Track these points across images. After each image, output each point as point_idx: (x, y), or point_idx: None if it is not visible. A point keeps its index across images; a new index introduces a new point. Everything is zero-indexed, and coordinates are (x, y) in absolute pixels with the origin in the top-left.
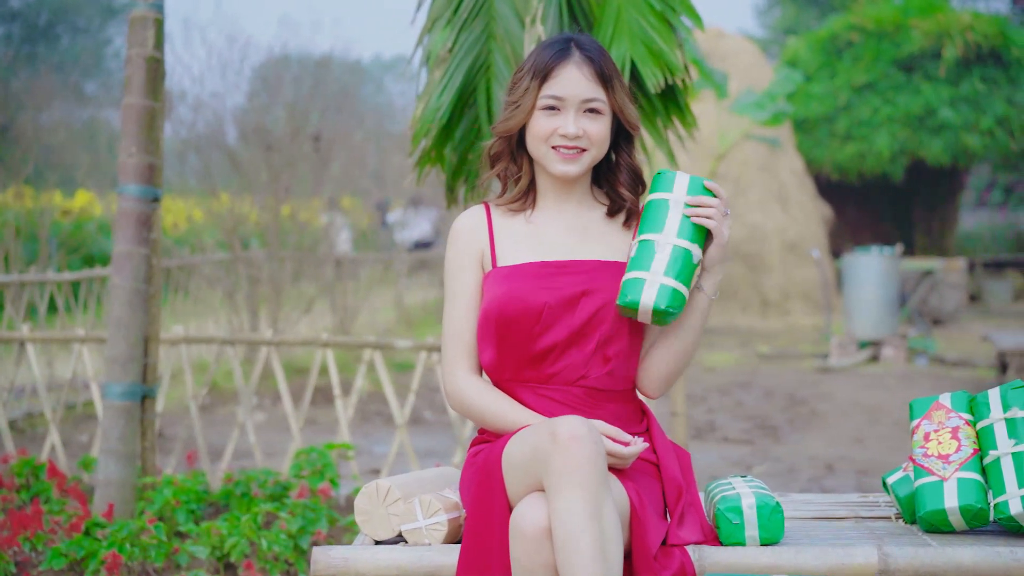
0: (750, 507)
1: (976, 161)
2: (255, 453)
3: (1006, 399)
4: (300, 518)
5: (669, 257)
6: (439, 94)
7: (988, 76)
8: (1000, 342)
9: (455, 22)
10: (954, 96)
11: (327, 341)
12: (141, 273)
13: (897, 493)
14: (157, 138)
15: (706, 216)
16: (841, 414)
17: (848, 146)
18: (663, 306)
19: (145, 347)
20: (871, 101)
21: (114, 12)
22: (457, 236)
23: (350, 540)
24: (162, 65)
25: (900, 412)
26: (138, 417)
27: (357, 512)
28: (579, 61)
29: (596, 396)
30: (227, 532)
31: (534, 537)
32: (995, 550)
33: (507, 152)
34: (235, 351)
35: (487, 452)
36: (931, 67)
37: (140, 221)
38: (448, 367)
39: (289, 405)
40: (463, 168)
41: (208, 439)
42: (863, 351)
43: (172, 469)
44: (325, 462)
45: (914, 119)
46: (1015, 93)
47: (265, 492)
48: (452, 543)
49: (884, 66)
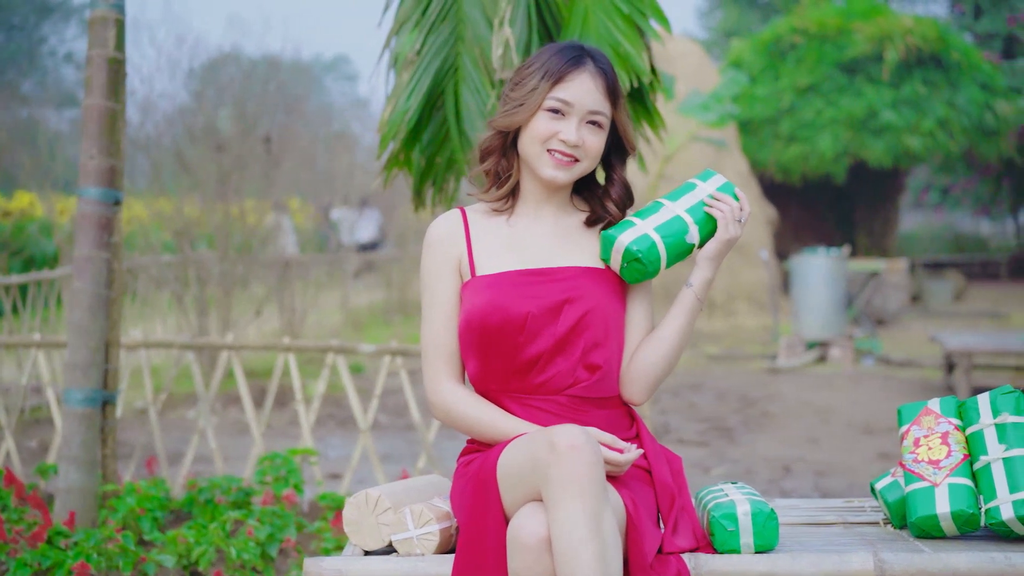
0: (745, 514)
1: (917, 162)
2: (216, 459)
3: (995, 404)
4: (268, 525)
5: (666, 219)
6: (407, 96)
7: (929, 79)
8: (947, 343)
9: (423, 24)
10: (895, 98)
11: (288, 345)
12: (102, 277)
13: (886, 498)
14: (118, 140)
15: (719, 209)
16: (793, 415)
17: (792, 147)
18: (635, 248)
19: (106, 352)
20: (814, 103)
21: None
22: (433, 243)
23: (318, 547)
24: (123, 66)
25: (851, 413)
26: (99, 424)
27: (346, 522)
28: (593, 72)
29: (584, 404)
30: (194, 540)
31: (533, 548)
32: (989, 555)
33: (500, 148)
34: (196, 356)
35: (480, 462)
36: (873, 70)
37: (101, 225)
38: (431, 377)
39: (251, 410)
40: (431, 171)
41: (163, 444)
42: (811, 352)
43: (131, 476)
44: (290, 468)
45: (856, 121)
46: (955, 95)
47: (228, 499)
48: (444, 553)
49: (827, 69)
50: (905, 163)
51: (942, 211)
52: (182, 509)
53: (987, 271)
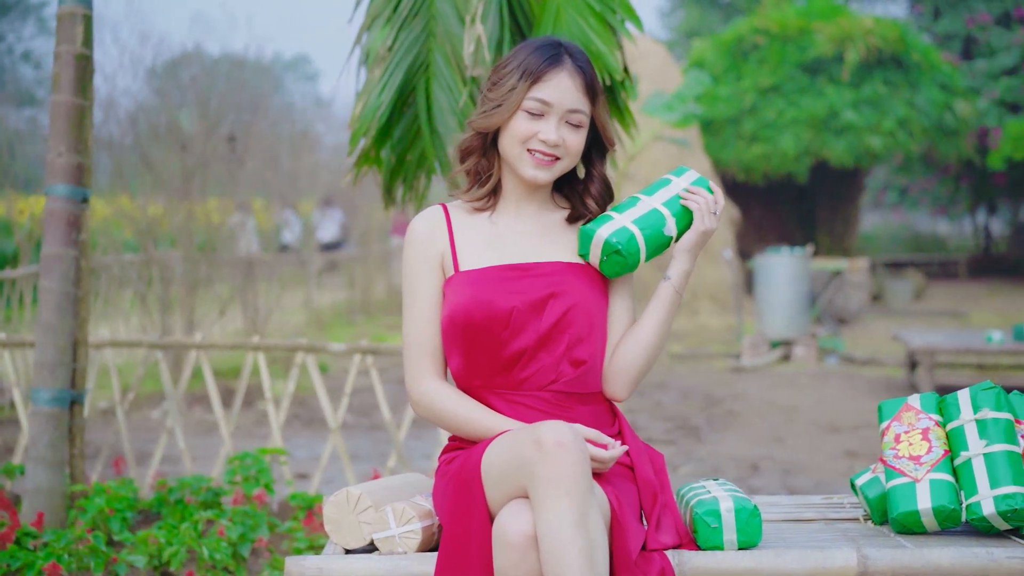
0: (728, 511)
1: (878, 162)
2: (184, 459)
3: (976, 400)
4: (240, 525)
5: (643, 212)
6: (379, 92)
7: (889, 79)
8: (911, 341)
9: (395, 20)
10: (856, 98)
11: (258, 344)
12: (70, 276)
13: (866, 495)
14: (86, 137)
15: (695, 201)
16: (758, 414)
17: (754, 147)
18: (614, 240)
19: (74, 351)
20: (776, 103)
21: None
22: (415, 239)
23: (289, 547)
24: (91, 62)
25: (815, 411)
26: (67, 423)
27: (326, 521)
28: (572, 70)
29: (568, 400)
30: (166, 540)
31: (519, 545)
32: (971, 551)
33: (480, 148)
34: (164, 355)
35: (463, 459)
36: (834, 70)
37: (69, 222)
38: (414, 374)
39: (219, 409)
40: (401, 169)
41: (130, 444)
42: (775, 351)
43: (98, 476)
44: (260, 467)
45: (818, 121)
46: (915, 96)
47: (198, 499)
48: (426, 551)
49: (789, 69)
50: (866, 163)
51: (900, 211)
52: (151, 509)
53: (946, 271)
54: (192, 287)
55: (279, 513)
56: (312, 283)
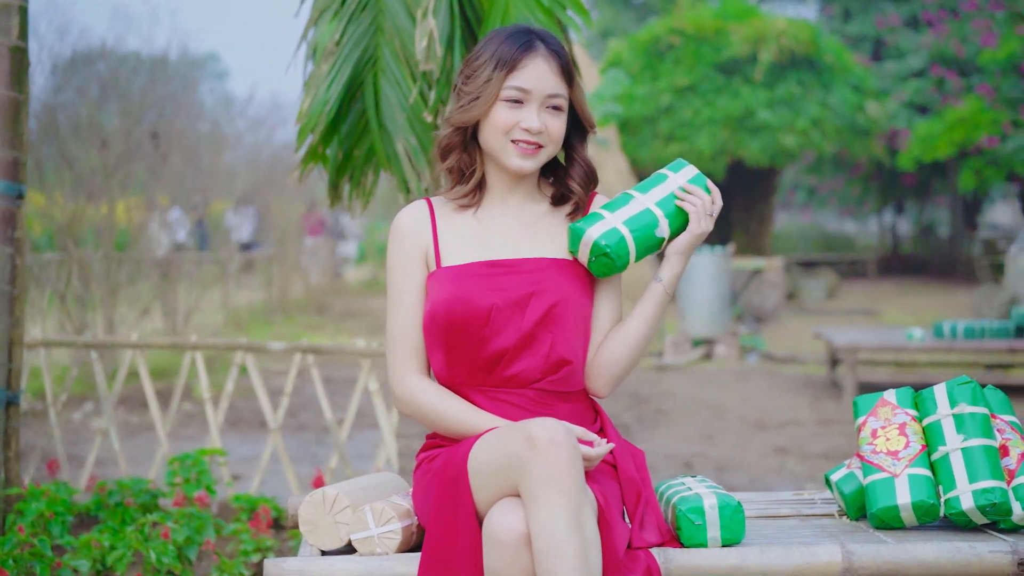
0: (712, 507)
1: (792, 161)
2: (120, 461)
3: (952, 395)
4: (186, 528)
5: (636, 212)
6: (327, 87)
7: (803, 80)
8: (834, 339)
9: (342, 14)
10: (771, 98)
11: (196, 344)
12: (6, 274)
13: (842, 490)
14: (22, 132)
15: (690, 203)
16: (686, 412)
17: (671, 146)
18: (604, 243)
19: (9, 352)
20: (692, 103)
21: None
22: (399, 234)
23: (235, 549)
24: (26, 55)
25: (741, 409)
26: (2, 425)
27: (302, 522)
28: (546, 55)
29: (551, 398)
30: (110, 544)
31: (512, 545)
32: (954, 546)
33: (460, 144)
34: (98, 355)
35: (447, 457)
36: (749, 70)
37: (4, 219)
38: (397, 370)
39: (156, 410)
40: (348, 165)
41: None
42: (697, 349)
43: (31, 478)
44: (201, 469)
45: (734, 120)
46: (828, 96)
47: (137, 501)
48: (405, 552)
49: (704, 69)
50: (781, 162)
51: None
52: (88, 512)
53: (856, 269)
54: (113, 287)
55: (220, 514)
56: (231, 283)
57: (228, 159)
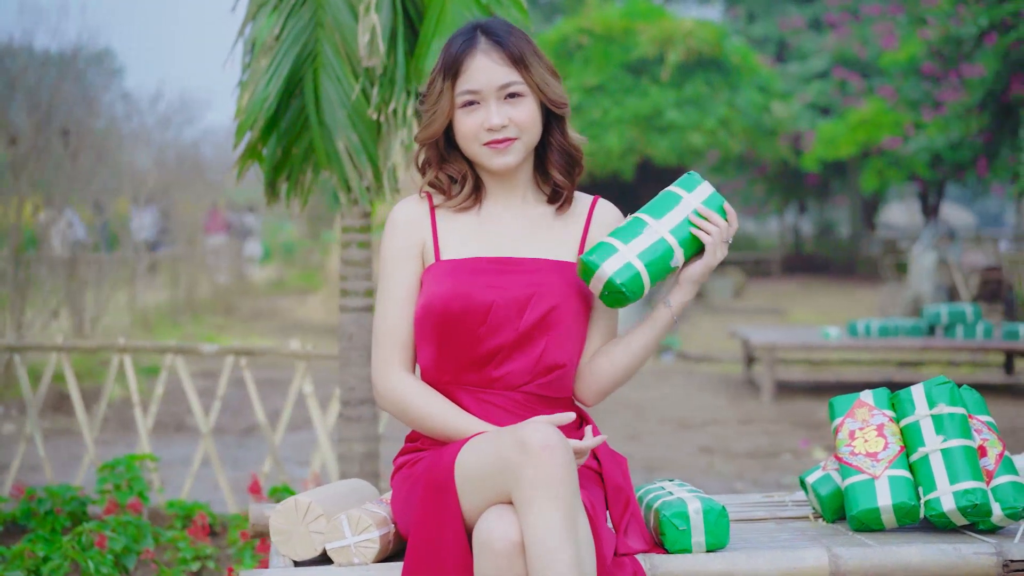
0: (696, 512)
1: (700, 160)
2: (44, 467)
3: (931, 396)
4: (123, 536)
5: (650, 244)
6: (266, 83)
7: (710, 80)
8: (751, 338)
9: (282, 9)
10: (679, 98)
11: (125, 346)
12: None
13: (818, 492)
14: None
15: (706, 231)
16: (607, 411)
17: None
18: (618, 281)
19: None
20: (601, 102)
21: None
22: (396, 226)
23: (173, 557)
24: None
25: (663, 408)
26: None
27: (273, 532)
28: (486, 48)
29: (538, 402)
30: (44, 554)
31: (505, 552)
32: (939, 548)
33: (436, 158)
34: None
35: (431, 462)
36: (657, 71)
37: None
38: (381, 365)
39: (83, 415)
40: (287, 162)
41: None
42: None
43: None
44: (133, 475)
45: (642, 119)
46: (735, 96)
47: (66, 509)
48: (382, 561)
49: (613, 69)
50: (689, 161)
51: None
52: (15, 521)
53: (760, 269)
54: (20, 288)
55: (152, 521)
56: (138, 283)
57: (136, 158)
